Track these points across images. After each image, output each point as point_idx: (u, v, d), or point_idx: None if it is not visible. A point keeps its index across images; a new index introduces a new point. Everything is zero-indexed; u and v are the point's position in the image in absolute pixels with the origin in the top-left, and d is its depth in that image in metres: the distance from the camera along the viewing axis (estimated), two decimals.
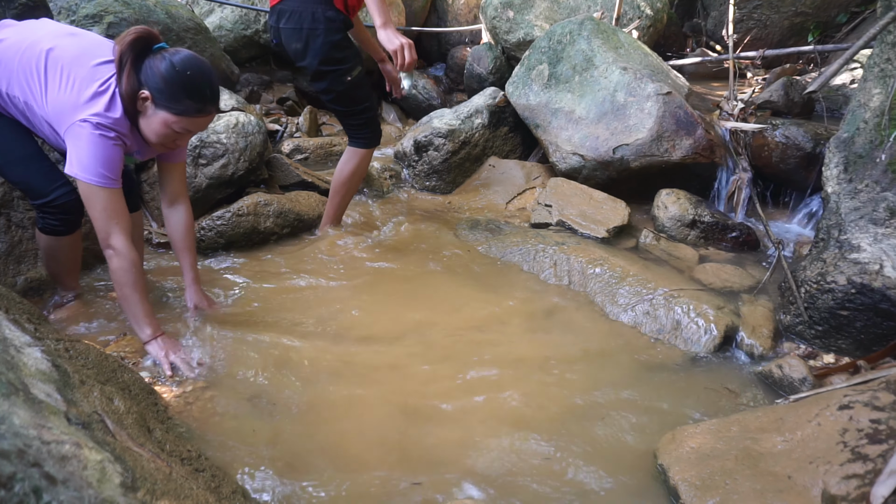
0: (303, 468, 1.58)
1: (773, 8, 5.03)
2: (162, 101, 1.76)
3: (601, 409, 1.85)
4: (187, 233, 2.16)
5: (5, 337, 1.17)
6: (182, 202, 2.15)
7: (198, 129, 1.87)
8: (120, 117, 1.78)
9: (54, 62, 1.78)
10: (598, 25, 3.55)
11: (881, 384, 1.57)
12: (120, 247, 1.80)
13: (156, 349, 1.90)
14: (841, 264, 2.07)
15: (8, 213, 2.43)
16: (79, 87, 1.76)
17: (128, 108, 1.79)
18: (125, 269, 1.82)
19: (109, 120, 1.76)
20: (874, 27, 2.10)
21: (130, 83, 1.76)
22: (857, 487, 1.29)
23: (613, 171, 3.21)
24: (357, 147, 2.78)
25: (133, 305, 1.87)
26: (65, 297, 2.30)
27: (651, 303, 2.31)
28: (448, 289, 2.54)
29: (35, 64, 1.78)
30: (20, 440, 0.80)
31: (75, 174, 1.75)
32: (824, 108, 3.62)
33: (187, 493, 1.11)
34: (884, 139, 2.23)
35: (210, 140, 3.04)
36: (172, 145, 1.90)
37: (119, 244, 1.80)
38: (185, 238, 2.16)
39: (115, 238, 1.80)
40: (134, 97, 1.77)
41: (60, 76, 1.77)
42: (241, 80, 4.76)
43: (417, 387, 1.92)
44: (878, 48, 2.37)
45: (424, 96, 5.02)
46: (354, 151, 2.78)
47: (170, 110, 1.77)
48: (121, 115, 1.78)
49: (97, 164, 1.74)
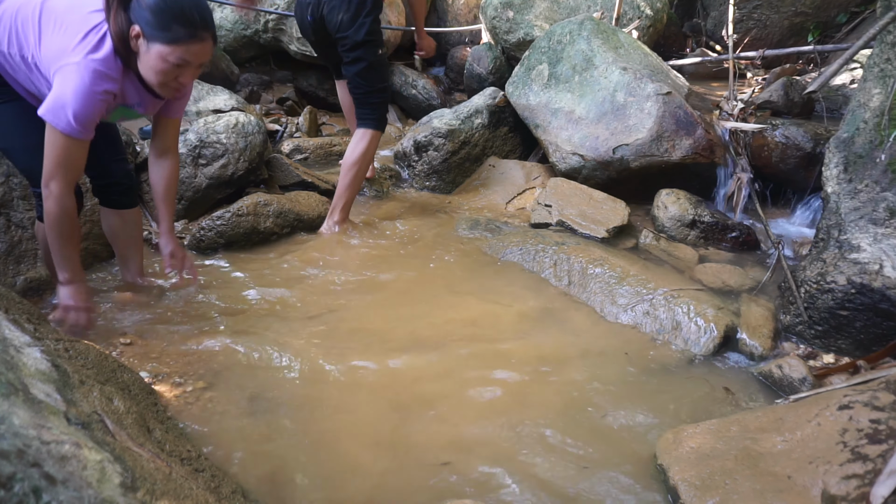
0: (300, 468, 1.58)
1: (773, 8, 5.03)
2: (152, 33, 1.75)
3: (600, 408, 1.85)
4: (170, 184, 2.21)
5: (5, 337, 1.17)
6: (171, 155, 2.19)
7: (196, 59, 1.83)
8: (109, 56, 1.76)
9: (48, 13, 1.79)
10: (598, 25, 3.55)
11: (881, 384, 1.57)
12: (57, 192, 1.81)
13: (64, 294, 1.93)
14: (841, 264, 2.07)
15: (8, 213, 2.43)
16: (71, 33, 1.76)
17: (120, 50, 1.78)
18: (56, 215, 1.82)
19: (99, 62, 1.74)
20: (874, 27, 2.10)
21: (119, 22, 1.76)
22: (856, 487, 1.29)
23: (613, 171, 3.21)
24: (368, 128, 2.91)
25: (57, 250, 1.89)
26: None
27: (651, 303, 2.31)
28: (448, 289, 2.54)
29: (31, 17, 1.80)
30: (20, 440, 0.80)
31: (44, 115, 1.75)
32: (824, 108, 3.62)
33: (187, 493, 1.11)
34: (884, 139, 2.23)
35: (210, 140, 3.04)
36: (175, 84, 1.86)
37: (57, 189, 1.80)
38: (168, 189, 2.21)
39: (56, 183, 1.80)
40: (125, 37, 1.77)
41: (54, 25, 1.78)
42: (241, 80, 4.76)
43: (417, 386, 1.92)
44: (877, 48, 2.37)
45: (424, 96, 5.02)
46: (365, 132, 2.91)
47: (161, 40, 1.75)
48: (110, 53, 1.76)
49: (72, 107, 1.72)
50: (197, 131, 3.05)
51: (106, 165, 2.21)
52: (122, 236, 2.35)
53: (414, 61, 5.39)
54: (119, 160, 2.26)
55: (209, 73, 4.18)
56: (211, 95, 3.87)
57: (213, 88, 3.94)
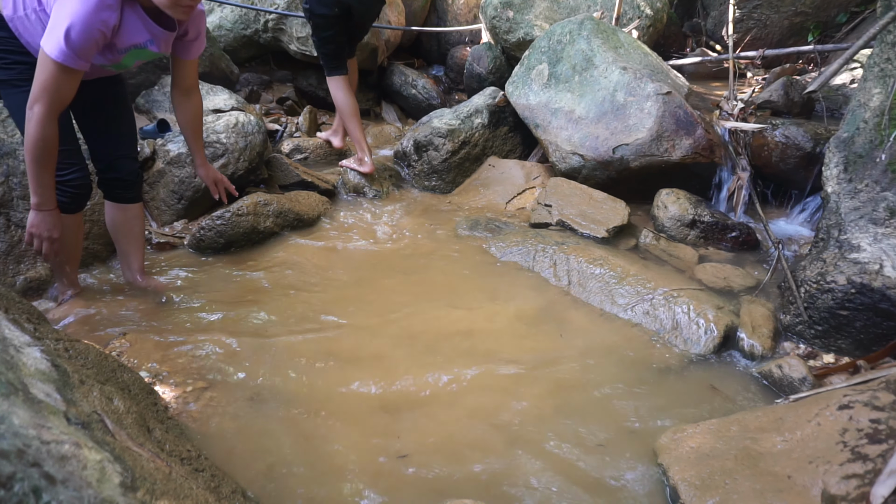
0: (300, 467, 1.58)
1: (773, 8, 5.03)
2: None
3: (600, 408, 1.85)
4: (198, 120, 2.39)
5: (5, 337, 1.17)
6: (195, 94, 2.33)
7: None
8: None
9: None
10: (598, 25, 3.55)
11: (881, 384, 1.57)
12: (38, 116, 1.82)
13: (31, 218, 1.95)
14: (841, 264, 2.07)
15: (7, 213, 2.44)
16: None
17: None
18: (35, 139, 1.84)
19: None
20: (874, 27, 2.10)
21: None
22: (856, 487, 1.29)
23: (613, 170, 3.21)
24: None
25: (32, 174, 1.90)
26: (64, 293, 2.31)
27: (651, 303, 2.30)
28: (448, 289, 2.54)
29: None
30: (20, 440, 0.80)
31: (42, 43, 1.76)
32: (824, 107, 3.62)
33: (187, 492, 1.11)
34: (884, 139, 2.23)
35: (210, 140, 3.04)
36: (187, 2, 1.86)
37: (39, 112, 1.81)
38: (197, 125, 2.39)
39: (39, 107, 1.81)
40: None
41: None
42: (241, 80, 4.76)
43: (416, 386, 1.92)
44: (877, 48, 2.37)
45: (424, 96, 5.02)
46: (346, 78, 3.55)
47: None
48: None
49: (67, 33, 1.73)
50: None
51: (116, 160, 2.24)
52: (124, 230, 2.37)
53: (414, 62, 5.39)
54: (131, 158, 2.30)
55: (209, 72, 4.18)
56: (211, 95, 3.87)
57: (213, 88, 3.93)
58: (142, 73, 3.88)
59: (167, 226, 2.99)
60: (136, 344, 1.99)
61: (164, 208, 3.01)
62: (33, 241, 1.99)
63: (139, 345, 1.99)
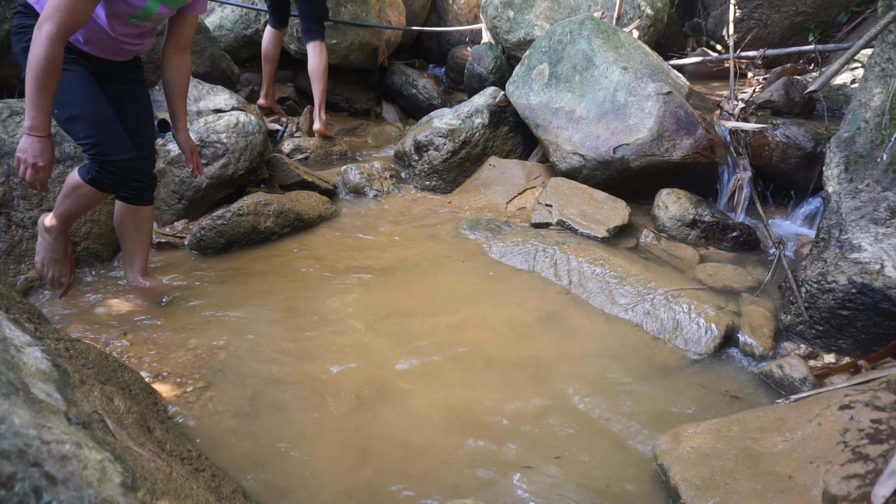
0: (300, 466, 1.58)
1: (774, 7, 5.03)
2: None
3: (600, 408, 1.84)
4: (185, 80, 2.42)
5: (5, 336, 1.17)
6: (187, 54, 2.39)
7: None
8: None
9: None
10: (599, 25, 3.55)
11: (882, 384, 1.57)
12: (47, 34, 1.84)
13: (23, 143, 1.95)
14: (842, 264, 2.07)
15: (8, 213, 2.44)
16: None
17: None
18: (39, 56, 1.85)
19: None
20: (875, 26, 2.10)
21: None
22: (857, 487, 1.29)
23: (614, 170, 3.21)
24: None
25: (30, 93, 1.91)
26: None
27: (651, 302, 2.30)
28: (448, 289, 2.54)
29: None
30: (20, 440, 0.80)
31: None
32: (825, 107, 3.61)
33: (187, 492, 1.11)
34: (885, 139, 2.23)
35: (210, 140, 3.04)
36: None
37: (48, 31, 1.84)
38: (183, 85, 2.41)
39: (49, 25, 1.85)
40: None
41: None
42: (241, 80, 4.76)
43: (415, 386, 1.92)
44: (878, 47, 2.37)
45: (425, 96, 5.02)
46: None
47: None
48: None
49: None
50: (197, 131, 3.05)
51: None
52: (133, 231, 2.38)
53: (414, 62, 5.39)
54: (149, 160, 2.34)
55: (209, 72, 4.18)
56: (211, 95, 3.87)
57: (214, 88, 3.93)
58: None
59: (168, 226, 2.99)
60: (137, 344, 1.99)
61: (164, 208, 3.01)
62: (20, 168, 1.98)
63: (140, 345, 1.99)
